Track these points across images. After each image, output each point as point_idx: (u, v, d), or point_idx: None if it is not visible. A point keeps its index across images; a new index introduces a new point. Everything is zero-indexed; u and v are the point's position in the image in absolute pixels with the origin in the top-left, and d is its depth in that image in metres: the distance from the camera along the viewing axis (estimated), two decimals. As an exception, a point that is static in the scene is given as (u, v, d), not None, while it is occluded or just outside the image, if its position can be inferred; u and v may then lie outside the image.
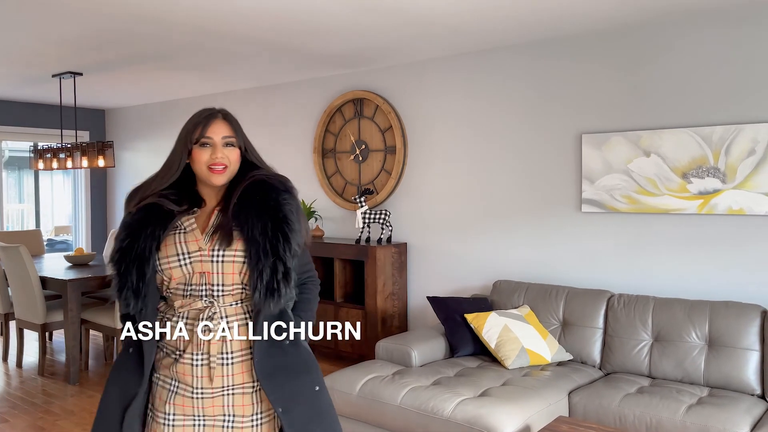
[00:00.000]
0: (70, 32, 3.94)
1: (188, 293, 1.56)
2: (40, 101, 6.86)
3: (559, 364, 3.58)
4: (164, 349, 1.59)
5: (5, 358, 5.13)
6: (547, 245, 4.20)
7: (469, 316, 3.71)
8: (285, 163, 5.73)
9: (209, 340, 1.53)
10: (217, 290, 1.55)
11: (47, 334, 5.50)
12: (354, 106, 5.22)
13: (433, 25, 3.80)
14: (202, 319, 1.54)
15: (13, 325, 5.93)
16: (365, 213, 4.82)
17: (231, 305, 1.57)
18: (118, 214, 7.53)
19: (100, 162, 5.13)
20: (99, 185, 7.68)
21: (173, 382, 1.55)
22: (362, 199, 4.84)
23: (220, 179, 1.58)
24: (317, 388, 1.64)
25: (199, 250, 1.55)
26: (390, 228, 4.83)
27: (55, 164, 5.31)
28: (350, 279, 5.00)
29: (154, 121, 7.09)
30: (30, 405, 4.10)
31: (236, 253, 1.55)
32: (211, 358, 1.53)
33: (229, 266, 1.55)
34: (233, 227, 1.56)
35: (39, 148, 5.63)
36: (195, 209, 1.62)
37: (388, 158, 5.03)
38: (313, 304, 1.76)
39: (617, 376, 3.40)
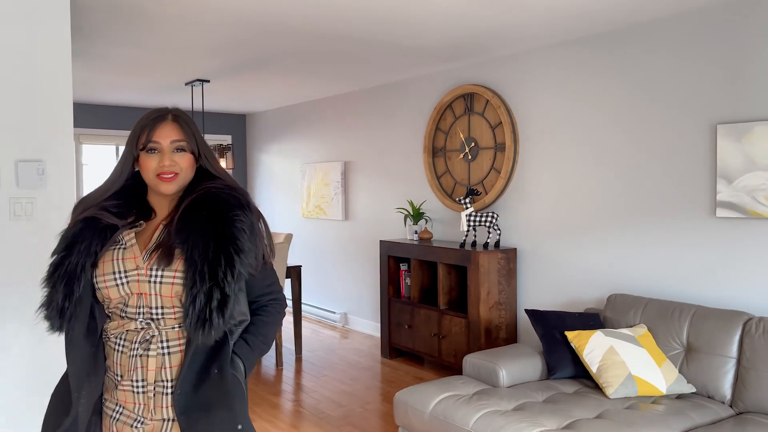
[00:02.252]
0: (199, 43, 4.13)
1: (125, 314, 1.42)
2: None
3: (678, 397, 3.03)
4: (107, 372, 1.46)
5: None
6: (674, 255, 3.61)
7: (570, 334, 3.29)
8: (396, 164, 5.60)
9: (145, 367, 1.39)
10: (156, 313, 1.41)
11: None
12: (464, 101, 4.93)
13: (544, 9, 3.42)
14: (135, 342, 1.40)
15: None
16: (470, 215, 4.53)
17: (173, 328, 1.42)
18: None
19: (222, 163, 5.36)
20: (241, 185, 8.13)
21: (117, 407, 1.43)
22: (467, 200, 4.55)
23: (170, 188, 1.44)
24: (239, 426, 1.42)
25: (136, 269, 1.41)
26: (498, 232, 4.48)
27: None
28: (455, 285, 4.72)
29: (284, 124, 7.34)
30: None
31: (176, 274, 1.39)
32: (147, 386, 1.40)
33: (167, 288, 1.39)
34: (175, 245, 1.40)
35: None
36: (141, 222, 1.47)
37: (497, 156, 4.68)
38: (269, 329, 1.55)
39: (751, 417, 2.79)
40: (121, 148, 7.65)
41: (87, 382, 1.41)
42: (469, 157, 4.89)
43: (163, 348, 1.41)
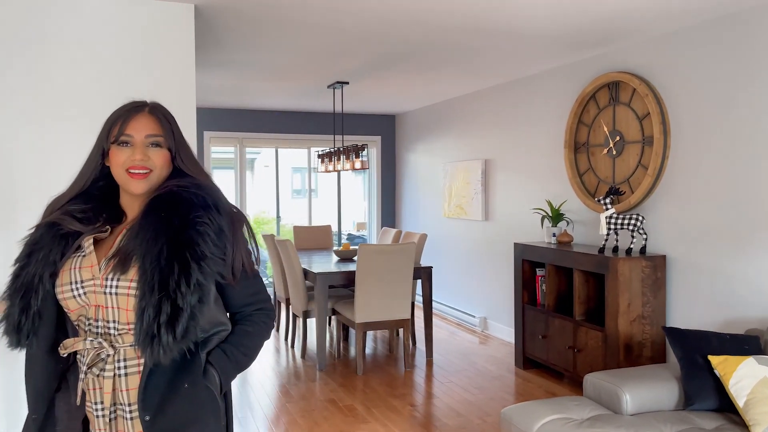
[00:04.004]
0: (334, 46, 4.24)
1: (88, 328, 1.28)
2: (315, 110, 7.66)
3: None
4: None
5: (286, 339, 5.86)
6: None
7: (714, 359, 2.78)
8: (535, 162, 5.24)
9: (101, 388, 1.26)
10: (114, 328, 1.26)
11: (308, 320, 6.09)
12: (609, 91, 4.45)
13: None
14: (83, 362, 1.26)
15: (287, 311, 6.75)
16: (611, 217, 4.07)
17: (132, 346, 1.26)
18: (404, 212, 7.97)
19: (356, 164, 5.44)
20: (389, 185, 8.24)
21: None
22: (608, 200, 4.09)
23: (140, 186, 1.28)
24: None
25: (92, 279, 1.26)
26: (644, 236, 3.97)
27: (321, 167, 5.83)
28: (593, 294, 4.27)
29: (428, 123, 7.27)
30: (280, 385, 4.58)
31: (131, 284, 1.24)
32: (105, 410, 1.26)
33: (123, 300, 1.24)
34: (133, 251, 1.25)
35: (320, 153, 6.28)
36: (106, 227, 1.32)
37: (645, 151, 4.15)
38: (252, 339, 1.39)
39: None
40: (280, 151, 8.18)
41: (43, 403, 1.29)
42: (614, 152, 4.41)
43: (119, 368, 1.26)
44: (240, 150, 7.60)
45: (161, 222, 1.25)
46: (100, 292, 1.26)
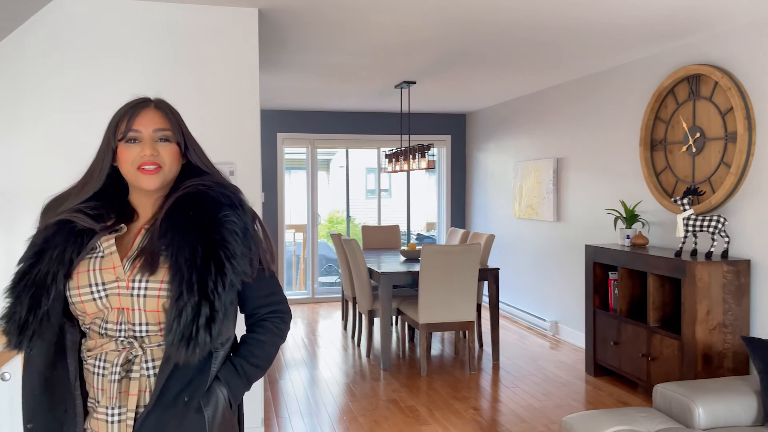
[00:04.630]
0: (405, 46, 4.25)
1: (104, 332, 1.24)
2: (383, 110, 7.66)
3: None
4: (87, 398, 1.27)
5: (353, 337, 5.92)
6: None
7: (800, 373, 2.56)
8: (609, 160, 5.02)
9: (125, 391, 1.22)
10: (140, 330, 1.23)
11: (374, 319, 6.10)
12: (688, 85, 4.20)
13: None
14: (116, 365, 1.21)
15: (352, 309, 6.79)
16: (689, 219, 3.83)
17: (159, 346, 1.24)
18: (474, 212, 7.87)
19: (422, 164, 5.41)
20: (458, 185, 8.15)
21: None
22: (685, 201, 3.86)
23: (152, 182, 1.25)
24: None
25: (116, 281, 1.22)
26: (725, 239, 3.72)
27: (389, 167, 5.84)
28: (669, 300, 4.04)
29: (498, 122, 7.13)
30: (343, 383, 4.62)
31: (161, 285, 1.21)
32: (128, 414, 1.22)
33: (152, 302, 1.21)
34: (160, 251, 1.22)
35: (387, 153, 6.30)
36: (122, 226, 1.28)
37: (728, 148, 3.89)
38: (265, 349, 1.35)
39: None
40: (351, 152, 8.27)
41: (41, 414, 1.22)
42: (693, 149, 4.15)
43: (147, 369, 1.23)
44: (311, 151, 7.74)
45: (190, 221, 1.23)
46: (125, 295, 1.22)
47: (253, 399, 3.46)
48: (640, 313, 4.27)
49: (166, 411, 1.21)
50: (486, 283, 5.50)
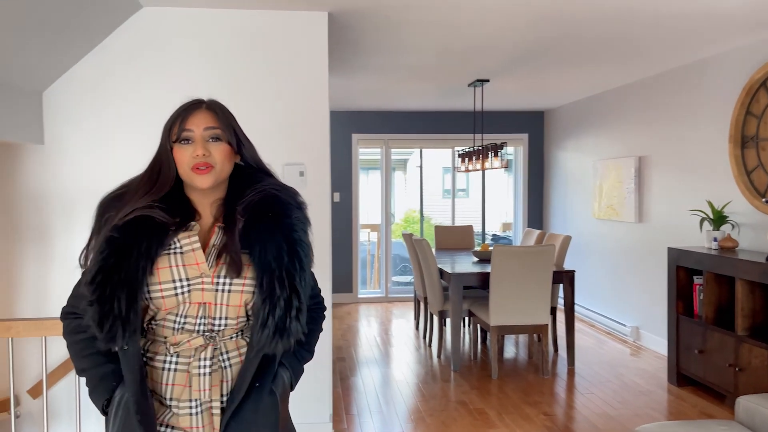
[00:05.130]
0: (478, 44, 4.23)
1: (180, 326, 1.28)
2: (457, 109, 7.57)
3: None
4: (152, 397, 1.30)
5: (424, 337, 5.92)
6: None
7: None
8: (694, 158, 4.75)
9: (211, 384, 1.28)
10: (219, 324, 1.29)
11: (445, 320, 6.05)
12: (784, 76, 3.91)
13: None
14: (205, 359, 1.28)
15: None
16: (782, 220, 3.57)
17: (231, 338, 1.32)
18: (552, 213, 7.67)
19: (495, 163, 5.33)
20: (536, 184, 7.97)
21: None
22: (779, 201, 3.60)
23: (205, 181, 1.29)
24: None
25: (200, 277, 1.28)
26: (824, 242, 3.43)
27: (461, 167, 5.79)
28: (760, 307, 3.77)
29: (577, 119, 6.91)
30: (414, 384, 4.63)
31: (246, 281, 1.28)
32: (213, 404, 1.28)
33: (236, 297, 1.28)
34: (242, 250, 1.29)
35: (460, 152, 6.25)
36: (193, 223, 1.33)
37: (828, 144, 3.58)
38: (314, 337, 1.47)
39: None
40: (429, 151, 8.25)
41: (145, 410, 1.25)
42: (789, 146, 3.86)
43: (224, 361, 1.30)
44: (385, 151, 7.80)
45: (270, 223, 1.30)
46: (210, 290, 1.27)
47: (321, 395, 3.53)
48: (728, 320, 4.01)
49: (247, 396, 1.29)
50: (561, 285, 5.35)
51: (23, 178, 3.30)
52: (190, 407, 1.27)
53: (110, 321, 1.19)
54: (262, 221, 1.30)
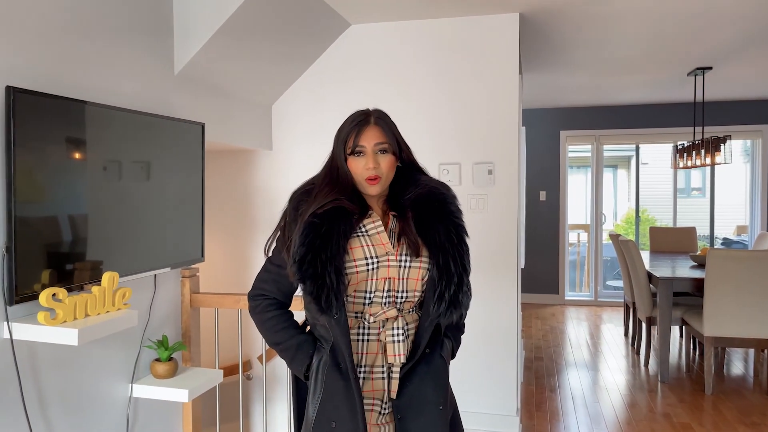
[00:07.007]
0: (695, 30, 3.99)
1: (370, 300, 1.50)
2: (676, 101, 6.87)
3: None
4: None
5: (632, 344, 5.59)
6: None
7: None
8: None
9: (406, 349, 1.51)
10: (401, 296, 1.51)
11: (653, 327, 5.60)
12: None
13: None
14: (398, 328, 1.50)
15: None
16: None
17: (410, 312, 1.54)
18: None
19: (717, 158, 4.83)
20: (779, 183, 6.98)
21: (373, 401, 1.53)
22: None
23: (375, 189, 1.52)
24: (440, 408, 1.52)
25: (386, 254, 1.50)
26: None
27: (680, 163, 5.33)
28: None
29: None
30: (619, 395, 4.44)
31: (422, 259, 1.50)
32: (394, 369, 1.51)
33: (415, 272, 1.50)
34: (419, 234, 1.52)
35: (678, 147, 5.76)
36: (370, 212, 1.56)
37: None
38: (465, 315, 1.62)
39: None
40: (642, 146, 7.73)
41: (353, 367, 1.49)
42: None
43: (407, 331, 1.51)
44: (596, 148, 7.47)
45: (438, 211, 1.53)
46: (394, 266, 1.49)
47: (508, 389, 3.59)
48: None
49: (418, 361, 1.53)
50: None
51: (257, 178, 3.92)
52: (382, 372, 1.51)
53: (326, 293, 1.41)
54: (430, 210, 1.53)
